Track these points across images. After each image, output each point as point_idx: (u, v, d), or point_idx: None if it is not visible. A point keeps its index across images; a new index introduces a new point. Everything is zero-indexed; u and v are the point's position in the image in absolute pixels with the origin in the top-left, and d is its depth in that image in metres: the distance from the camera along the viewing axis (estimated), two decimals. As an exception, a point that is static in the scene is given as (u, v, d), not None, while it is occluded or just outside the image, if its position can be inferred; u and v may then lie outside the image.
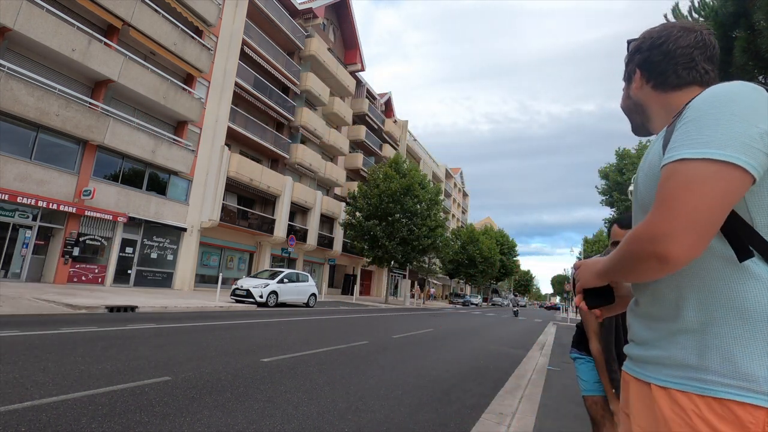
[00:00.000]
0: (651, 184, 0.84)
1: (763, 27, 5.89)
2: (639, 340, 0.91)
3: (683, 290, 0.81)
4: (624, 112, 1.07)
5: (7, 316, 7.00)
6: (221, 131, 20.85)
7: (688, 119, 0.76)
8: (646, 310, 0.90)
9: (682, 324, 0.80)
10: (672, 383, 0.78)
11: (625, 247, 0.79)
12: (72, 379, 3.76)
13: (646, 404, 0.83)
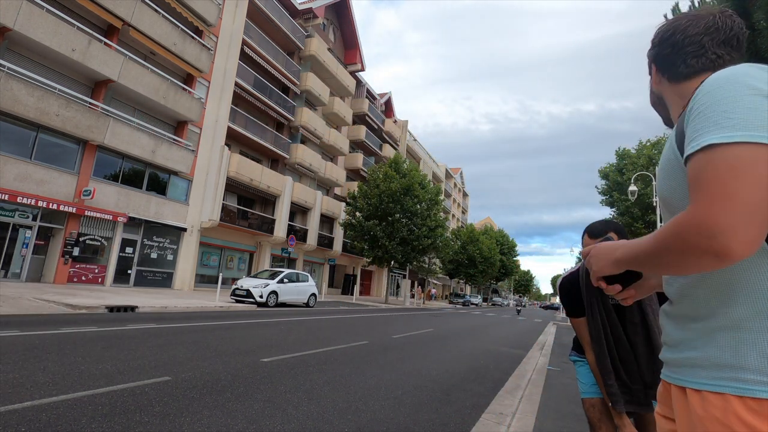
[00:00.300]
0: (668, 179, 0.85)
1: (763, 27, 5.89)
2: (671, 342, 0.88)
3: (714, 285, 0.78)
4: (653, 107, 1.08)
5: (7, 316, 7.00)
6: (221, 131, 20.85)
7: (704, 105, 0.73)
8: (677, 310, 0.87)
9: (715, 321, 0.77)
10: (707, 385, 0.75)
11: (669, 240, 0.71)
12: (72, 379, 3.76)
13: (685, 411, 0.80)
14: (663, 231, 0.73)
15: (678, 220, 0.70)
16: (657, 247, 0.74)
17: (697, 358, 0.78)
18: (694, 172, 0.70)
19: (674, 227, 0.70)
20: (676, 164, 0.81)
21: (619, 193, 28.64)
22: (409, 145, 45.73)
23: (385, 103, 41.63)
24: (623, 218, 28.66)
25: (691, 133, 0.73)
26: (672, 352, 0.87)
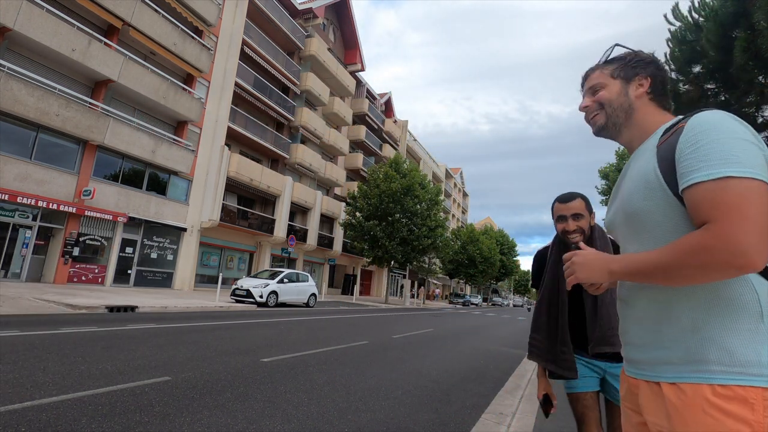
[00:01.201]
0: (646, 200, 0.93)
1: (763, 27, 5.88)
2: (640, 342, 0.99)
3: (678, 293, 0.91)
4: (606, 106, 1.09)
5: (7, 316, 7.00)
6: (221, 131, 20.85)
7: (699, 142, 0.84)
8: (643, 314, 0.98)
9: (682, 324, 0.90)
10: (681, 378, 0.88)
11: (692, 256, 0.80)
12: (72, 379, 3.76)
13: (659, 403, 0.92)
14: (681, 247, 0.82)
15: (702, 239, 0.79)
16: (675, 261, 0.82)
17: (669, 357, 0.91)
18: (709, 196, 0.80)
19: (699, 244, 0.79)
20: (657, 186, 0.91)
21: (619, 193, 28.63)
22: (409, 145, 45.73)
23: (385, 103, 41.63)
24: (623, 218, 28.64)
25: (693, 164, 0.84)
26: (641, 352, 0.98)
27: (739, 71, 6.70)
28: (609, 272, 0.94)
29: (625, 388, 1.08)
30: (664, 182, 0.90)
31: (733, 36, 6.57)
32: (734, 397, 0.81)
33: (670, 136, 0.92)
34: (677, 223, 0.89)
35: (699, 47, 7.41)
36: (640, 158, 1.00)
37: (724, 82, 7.42)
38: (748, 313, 0.84)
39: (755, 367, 0.81)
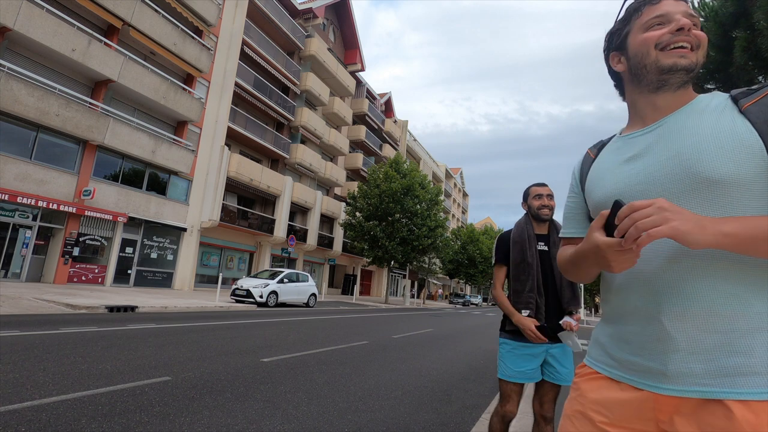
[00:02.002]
0: (728, 155, 0.76)
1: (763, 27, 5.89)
2: (697, 347, 0.75)
3: (757, 281, 0.74)
4: (701, 50, 0.87)
5: (7, 316, 7.00)
6: (221, 131, 20.85)
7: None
8: (707, 309, 0.76)
9: (762, 321, 0.73)
10: (762, 394, 0.70)
11: None
12: (72, 379, 3.76)
13: (723, 427, 0.71)
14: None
15: None
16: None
17: (754, 365, 0.71)
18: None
19: None
20: (758, 151, 0.75)
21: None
22: (409, 145, 45.72)
23: (385, 103, 41.63)
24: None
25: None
26: (698, 361, 0.75)
27: (739, 71, 6.70)
28: (723, 234, 0.69)
29: (633, 404, 0.83)
30: (764, 146, 0.74)
31: (733, 36, 6.57)
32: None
33: (761, 98, 0.77)
34: (764, 202, 0.75)
35: (699, 47, 7.42)
36: (699, 118, 0.82)
37: (724, 82, 7.42)
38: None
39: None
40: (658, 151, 0.85)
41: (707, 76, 7.72)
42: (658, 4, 0.87)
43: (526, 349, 2.25)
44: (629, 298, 0.85)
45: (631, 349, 0.84)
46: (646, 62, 0.88)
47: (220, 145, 20.65)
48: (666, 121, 0.87)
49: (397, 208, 26.73)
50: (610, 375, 0.88)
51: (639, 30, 0.90)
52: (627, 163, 0.90)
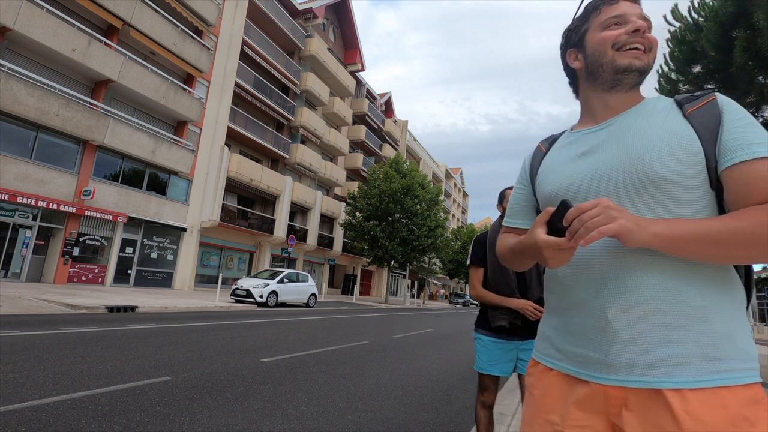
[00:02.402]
0: (672, 155, 0.79)
1: (763, 27, 5.88)
2: (638, 338, 0.78)
3: (688, 275, 0.78)
4: (652, 52, 0.90)
5: (7, 316, 7.00)
6: (221, 131, 20.85)
7: (747, 120, 0.79)
8: (647, 301, 0.78)
9: (691, 315, 0.76)
10: (701, 381, 0.73)
11: (760, 229, 0.69)
12: (72, 379, 3.76)
13: (662, 416, 0.74)
14: (759, 217, 0.70)
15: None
16: (756, 232, 0.70)
17: (686, 355, 0.75)
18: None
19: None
20: (698, 153, 0.79)
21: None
22: (409, 145, 45.73)
23: (385, 103, 41.64)
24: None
25: (751, 136, 0.76)
26: (638, 352, 0.77)
27: (739, 71, 6.70)
28: (653, 234, 0.73)
29: (584, 401, 0.83)
30: (703, 151, 0.79)
31: (733, 36, 6.57)
32: (754, 397, 0.72)
33: (702, 105, 0.82)
34: (706, 199, 0.79)
35: (699, 47, 7.41)
36: (647, 119, 0.85)
37: (724, 82, 7.42)
38: (742, 303, 0.81)
39: (756, 361, 0.76)
40: (608, 148, 0.87)
41: (707, 76, 7.72)
42: (616, 4, 0.90)
43: (497, 344, 2.40)
44: (575, 291, 0.87)
45: (576, 340, 0.86)
46: (602, 61, 0.90)
47: (220, 145, 20.65)
48: (617, 120, 0.89)
49: (397, 208, 26.73)
50: (556, 367, 0.90)
51: (597, 28, 0.92)
52: (578, 159, 0.92)
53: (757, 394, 0.73)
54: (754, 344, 0.78)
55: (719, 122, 0.79)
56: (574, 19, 0.99)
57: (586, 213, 0.72)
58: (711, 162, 0.79)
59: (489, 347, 2.41)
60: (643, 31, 0.87)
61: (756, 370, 0.75)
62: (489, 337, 2.43)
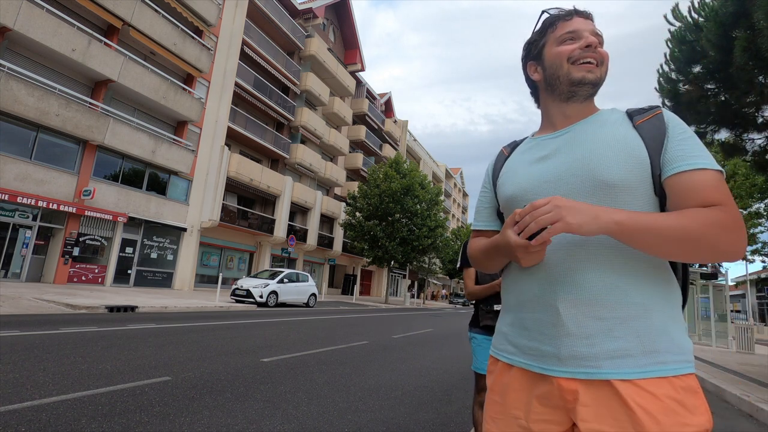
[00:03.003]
0: (621, 162, 0.86)
1: (763, 27, 5.88)
2: (585, 332, 0.83)
3: (629, 272, 0.84)
4: (604, 65, 0.97)
5: (7, 316, 7.00)
6: (221, 131, 20.85)
7: (689, 134, 0.87)
8: (592, 297, 0.84)
9: (632, 310, 0.83)
10: (643, 373, 0.79)
11: (713, 229, 0.77)
12: (72, 379, 3.76)
13: (611, 407, 0.79)
14: (703, 218, 0.77)
15: (724, 216, 0.78)
16: (698, 230, 0.77)
17: (628, 348, 0.81)
18: (712, 181, 0.81)
19: (722, 220, 0.77)
20: (644, 161, 0.87)
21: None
22: (409, 145, 45.73)
23: (385, 103, 41.64)
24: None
25: (692, 149, 0.85)
26: (585, 345, 0.82)
27: (739, 71, 6.70)
28: (615, 222, 0.77)
29: (544, 396, 0.88)
30: (649, 160, 0.87)
31: (733, 36, 6.57)
32: (689, 387, 0.80)
33: (650, 119, 0.90)
34: (650, 202, 0.87)
35: (699, 47, 7.41)
36: (601, 128, 0.92)
37: (724, 82, 7.42)
38: (678, 301, 0.88)
39: (691, 354, 0.84)
40: (565, 153, 0.94)
41: (707, 76, 7.72)
42: (571, 20, 0.97)
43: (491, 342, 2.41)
44: (530, 287, 0.92)
45: (530, 335, 0.91)
46: (559, 74, 0.97)
47: (220, 145, 20.65)
48: (573, 128, 0.97)
49: (397, 208, 26.73)
50: (513, 363, 0.94)
51: (554, 43, 0.98)
52: (537, 163, 0.98)
53: (692, 384, 0.80)
54: (688, 339, 0.85)
55: (665, 134, 0.87)
56: (533, 33, 1.05)
57: (537, 210, 0.78)
58: (656, 170, 0.86)
59: (484, 346, 2.41)
60: (594, 46, 0.94)
61: (690, 363, 0.82)
62: (483, 335, 2.43)
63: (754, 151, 8.41)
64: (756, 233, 25.96)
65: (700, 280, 15.85)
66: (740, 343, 12.21)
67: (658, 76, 8.53)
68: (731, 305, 18.09)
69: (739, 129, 8.15)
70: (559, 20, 0.98)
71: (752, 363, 9.20)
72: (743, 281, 36.44)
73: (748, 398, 5.08)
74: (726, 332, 13.10)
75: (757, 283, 38.02)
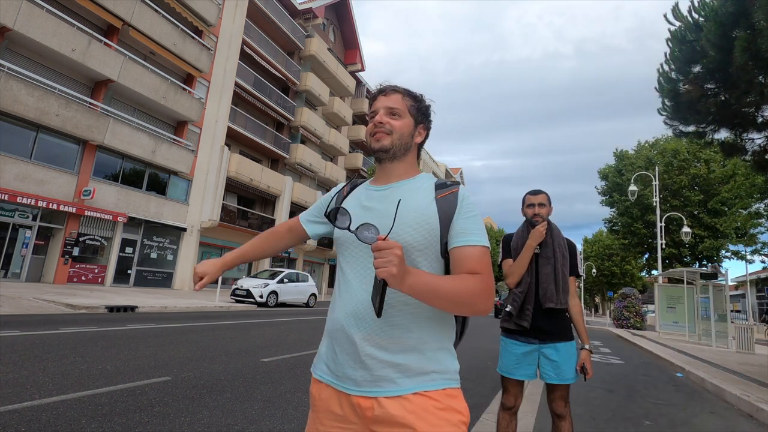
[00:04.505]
0: (417, 228, 1.06)
1: (763, 27, 5.88)
2: (372, 362, 1.04)
3: (413, 314, 1.06)
4: (395, 134, 1.15)
5: (7, 316, 7.00)
6: (221, 131, 20.85)
7: (473, 213, 1.10)
8: (383, 333, 1.05)
9: (411, 344, 1.05)
10: (412, 389, 1.01)
11: (478, 295, 0.99)
12: (72, 379, 3.76)
13: (394, 419, 1.00)
14: (466, 284, 0.98)
15: (482, 284, 1.00)
16: (462, 293, 0.97)
17: (407, 370, 1.04)
18: (478, 255, 1.04)
19: (479, 287, 0.99)
20: (434, 230, 1.07)
21: (618, 193, 28.65)
22: (409, 145, 45.73)
23: (385, 103, 41.61)
24: (623, 218, 28.66)
25: (471, 227, 1.07)
26: (377, 369, 1.04)
27: (739, 71, 6.70)
28: (408, 284, 0.91)
29: (347, 411, 1.08)
30: (439, 230, 1.07)
31: (733, 36, 6.57)
32: (452, 395, 1.04)
33: (447, 195, 1.11)
34: (438, 262, 1.09)
35: (699, 47, 7.41)
36: (412, 194, 1.12)
37: (724, 82, 7.42)
38: (451, 336, 1.12)
39: (455, 374, 1.08)
40: (382, 208, 1.12)
41: (707, 76, 7.73)
42: (375, 101, 1.20)
43: (516, 347, 2.39)
44: (339, 318, 1.10)
45: (336, 358, 1.10)
46: (368, 143, 1.20)
47: (220, 145, 20.65)
48: (393, 186, 1.16)
49: (397, 208, 26.71)
50: (323, 380, 1.15)
51: (369, 118, 1.21)
52: (363, 210, 1.15)
53: (453, 392, 1.04)
54: (455, 363, 1.09)
55: (455, 210, 1.08)
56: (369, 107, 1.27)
57: (383, 249, 0.90)
58: (444, 238, 1.07)
59: (508, 349, 2.41)
60: (385, 122, 1.15)
61: (453, 380, 1.06)
62: (508, 338, 2.44)
63: (754, 151, 8.41)
64: (756, 233, 25.96)
65: (700, 280, 15.84)
66: (740, 343, 12.21)
67: (658, 75, 8.53)
68: (731, 305, 18.08)
69: (739, 129, 8.15)
70: (373, 100, 1.21)
71: (752, 363, 9.21)
72: (743, 281, 36.44)
73: (748, 398, 5.08)
74: (726, 332, 13.10)
75: (757, 283, 38.03)
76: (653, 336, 16.41)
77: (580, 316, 2.46)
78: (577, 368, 2.34)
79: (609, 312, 39.12)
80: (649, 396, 5.46)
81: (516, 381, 2.39)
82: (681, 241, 22.78)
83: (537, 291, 2.38)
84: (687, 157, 25.84)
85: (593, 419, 4.16)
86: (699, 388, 6.38)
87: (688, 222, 23.02)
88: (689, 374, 7.32)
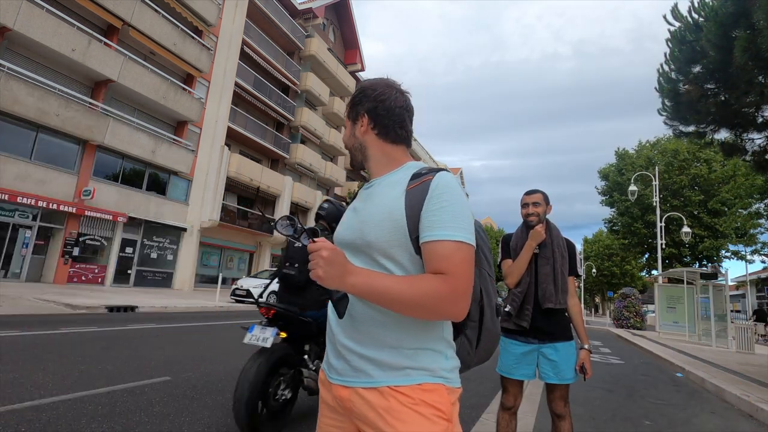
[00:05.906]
0: (388, 233, 1.00)
1: (763, 27, 5.88)
2: (351, 354, 1.03)
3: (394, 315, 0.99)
4: (347, 147, 1.18)
5: (7, 316, 7.00)
6: (221, 131, 20.85)
7: (445, 203, 0.97)
8: (362, 328, 1.03)
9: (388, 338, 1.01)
10: (388, 382, 0.98)
11: (429, 299, 0.91)
12: (72, 379, 3.76)
13: (368, 409, 0.99)
14: (421, 287, 0.91)
15: (441, 287, 0.91)
16: (414, 298, 0.91)
17: (384, 364, 1.00)
18: (444, 252, 0.93)
19: (437, 291, 0.91)
20: (401, 226, 0.99)
21: (619, 193, 28.65)
22: (409, 145, 45.72)
23: (385, 103, 41.62)
24: (623, 218, 28.66)
25: (438, 220, 0.96)
26: (348, 362, 1.03)
27: (739, 71, 6.70)
28: (350, 285, 0.91)
29: (336, 403, 1.07)
30: (406, 226, 0.99)
31: (733, 36, 6.56)
32: (427, 389, 0.98)
33: (418, 185, 1.01)
34: (409, 260, 1.01)
35: (699, 47, 7.40)
36: (386, 189, 1.06)
37: (724, 82, 7.42)
38: (435, 331, 1.03)
39: (428, 371, 1.01)
40: (364, 207, 1.09)
41: (707, 76, 7.72)
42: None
43: (516, 347, 2.39)
44: (333, 313, 1.09)
45: (329, 351, 1.11)
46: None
47: (220, 145, 20.64)
48: (374, 183, 1.12)
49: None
50: (323, 370, 1.14)
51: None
52: (352, 212, 1.13)
53: (431, 387, 0.98)
54: (435, 359, 1.01)
55: (422, 203, 0.98)
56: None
57: (312, 251, 0.92)
58: (413, 234, 0.98)
59: (508, 349, 2.41)
60: (343, 141, 1.18)
61: (435, 376, 1.00)
62: (508, 338, 2.43)
63: (754, 151, 8.41)
64: (756, 233, 25.95)
65: (700, 280, 15.85)
66: (740, 343, 12.21)
67: (658, 76, 8.53)
68: (731, 305, 18.08)
69: (739, 129, 8.15)
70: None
71: (752, 363, 9.21)
72: (743, 281, 36.43)
73: (748, 398, 5.08)
74: (726, 332, 13.10)
75: (757, 283, 38.01)
76: (653, 336, 16.42)
77: (580, 316, 2.47)
78: (577, 368, 2.34)
79: (609, 312, 39.12)
80: (649, 396, 5.46)
81: (515, 381, 2.39)
82: (681, 241, 22.76)
83: (536, 291, 2.38)
84: (687, 157, 25.84)
85: (593, 419, 4.16)
86: (699, 388, 6.38)
87: (688, 222, 23.01)
88: (689, 374, 7.33)
